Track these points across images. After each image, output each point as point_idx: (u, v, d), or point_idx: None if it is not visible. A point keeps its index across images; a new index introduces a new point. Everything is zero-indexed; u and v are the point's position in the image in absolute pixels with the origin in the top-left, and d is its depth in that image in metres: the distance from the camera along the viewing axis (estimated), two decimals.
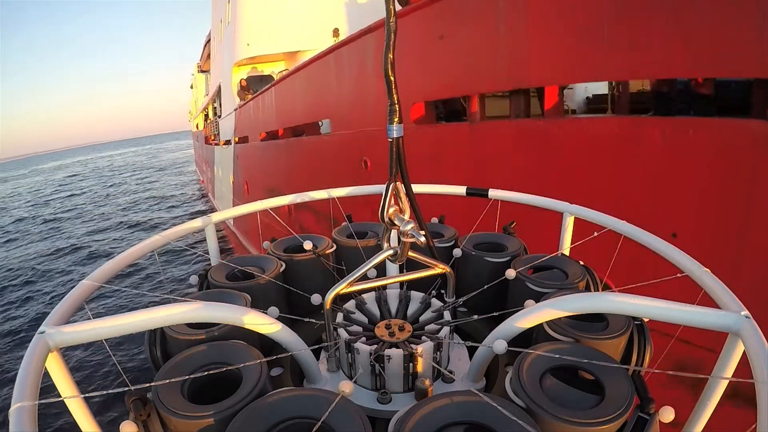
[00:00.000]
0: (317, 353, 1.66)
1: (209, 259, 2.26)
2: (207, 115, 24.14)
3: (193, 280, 2.04)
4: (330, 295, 1.51)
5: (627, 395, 1.14)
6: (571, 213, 2.14)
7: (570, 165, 4.17)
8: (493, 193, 2.39)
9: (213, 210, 23.01)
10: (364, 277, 1.56)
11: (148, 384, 1.18)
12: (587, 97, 7.37)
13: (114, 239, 22.16)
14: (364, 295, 1.91)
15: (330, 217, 2.52)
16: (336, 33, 12.47)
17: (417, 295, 1.93)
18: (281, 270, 2.05)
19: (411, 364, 1.49)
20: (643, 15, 3.51)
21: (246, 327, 1.33)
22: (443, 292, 1.86)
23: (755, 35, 2.96)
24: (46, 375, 1.07)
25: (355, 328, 1.70)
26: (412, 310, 1.87)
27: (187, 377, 1.23)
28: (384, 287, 1.95)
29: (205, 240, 2.27)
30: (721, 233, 3.38)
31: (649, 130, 3.62)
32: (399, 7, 5.61)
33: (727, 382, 1.15)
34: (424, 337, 1.60)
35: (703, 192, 3.42)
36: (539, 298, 1.63)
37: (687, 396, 1.28)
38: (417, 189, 1.83)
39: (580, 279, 1.81)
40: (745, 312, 1.13)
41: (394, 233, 1.61)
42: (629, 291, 1.26)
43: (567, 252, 2.19)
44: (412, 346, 1.52)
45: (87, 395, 1.10)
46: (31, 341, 1.11)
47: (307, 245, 2.12)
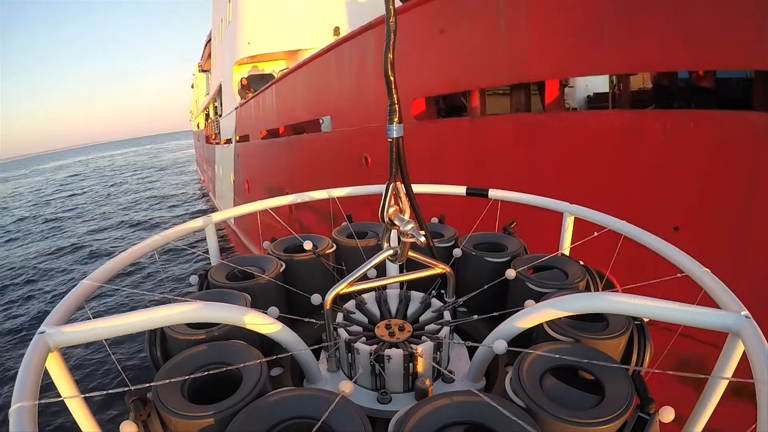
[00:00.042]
0: (317, 353, 1.66)
1: (209, 259, 2.26)
2: (208, 115, 24.14)
3: (193, 280, 2.04)
4: (330, 295, 1.51)
5: (627, 395, 1.14)
6: (571, 213, 2.13)
7: (571, 159, 4.15)
8: (493, 193, 2.39)
9: (214, 209, 23.02)
10: (364, 277, 1.56)
11: (148, 384, 1.18)
12: (588, 96, 7.35)
13: (115, 238, 22.18)
14: (364, 295, 1.91)
15: (330, 217, 2.52)
16: (337, 32, 12.45)
17: (417, 295, 1.92)
18: (281, 270, 2.05)
19: (411, 364, 1.49)
20: (644, 7, 3.50)
21: (246, 327, 1.33)
22: (443, 292, 1.85)
23: (756, 26, 2.95)
24: (46, 375, 1.07)
25: (355, 328, 1.70)
26: (412, 310, 1.87)
27: (187, 377, 1.23)
28: (384, 287, 1.95)
29: (206, 239, 2.28)
30: (723, 225, 3.38)
31: (650, 122, 3.61)
32: (399, 3, 5.60)
33: (728, 382, 1.15)
34: (424, 337, 1.60)
35: (705, 184, 3.42)
36: (539, 298, 1.63)
37: (690, 392, 1.28)
38: (417, 189, 1.83)
39: (580, 279, 1.81)
40: (745, 312, 1.13)
41: (394, 233, 1.60)
42: (629, 291, 1.26)
43: (567, 252, 2.19)
44: (412, 346, 1.52)
45: (87, 395, 1.10)
46: (31, 341, 1.11)
47: (307, 245, 2.12)
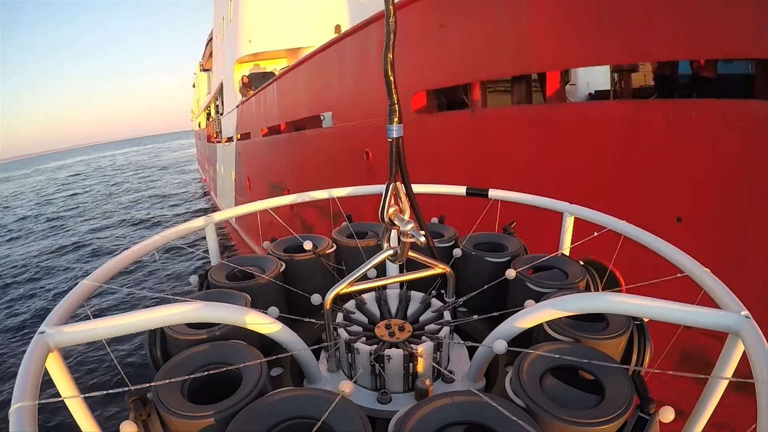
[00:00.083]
0: (317, 353, 1.66)
1: (209, 259, 2.26)
2: (209, 114, 24.15)
3: (193, 280, 2.04)
4: (330, 295, 1.51)
5: (627, 395, 1.14)
6: (571, 213, 2.13)
7: (572, 150, 4.13)
8: (493, 193, 2.39)
9: (214, 208, 23.04)
10: (364, 277, 1.56)
11: (148, 384, 1.19)
12: (589, 93, 7.33)
13: (116, 237, 22.25)
14: (364, 295, 1.91)
15: (330, 215, 2.52)
16: (338, 29, 12.45)
17: (417, 295, 1.92)
18: (281, 270, 2.05)
19: (411, 364, 1.49)
20: None
21: (246, 327, 1.33)
22: (443, 292, 1.85)
23: (756, 15, 2.94)
24: (46, 374, 1.08)
25: (355, 328, 1.70)
26: (412, 310, 1.87)
27: (187, 377, 1.23)
28: (384, 287, 1.95)
29: (206, 239, 2.28)
30: (724, 215, 3.37)
31: (652, 112, 3.60)
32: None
33: (728, 382, 1.15)
34: (424, 337, 1.60)
35: (707, 174, 3.41)
36: (539, 298, 1.62)
37: (693, 387, 1.27)
38: (417, 189, 1.83)
39: (580, 279, 1.80)
40: (745, 312, 1.13)
41: (394, 233, 1.60)
42: (629, 291, 1.25)
43: (567, 252, 2.18)
44: (412, 346, 1.52)
45: (87, 395, 1.11)
46: (31, 341, 1.11)
47: (307, 245, 2.12)
